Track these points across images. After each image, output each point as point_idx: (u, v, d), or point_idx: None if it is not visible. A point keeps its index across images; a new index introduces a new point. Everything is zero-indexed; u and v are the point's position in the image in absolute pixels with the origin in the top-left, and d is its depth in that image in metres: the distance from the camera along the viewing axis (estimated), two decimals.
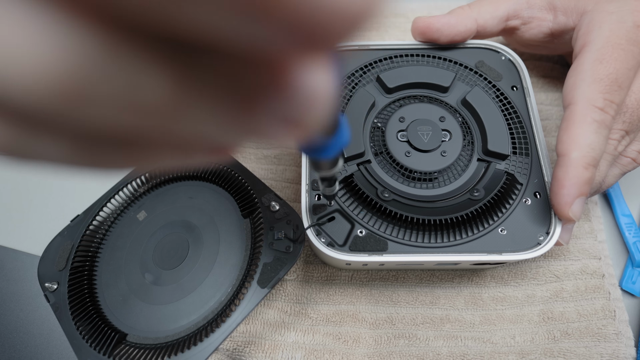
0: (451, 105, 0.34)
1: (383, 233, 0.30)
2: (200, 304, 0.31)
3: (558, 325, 0.33)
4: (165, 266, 0.33)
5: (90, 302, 0.32)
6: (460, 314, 0.34)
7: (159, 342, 0.30)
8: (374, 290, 0.34)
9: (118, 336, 0.30)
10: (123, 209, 0.36)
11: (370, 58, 0.36)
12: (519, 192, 0.31)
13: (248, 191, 0.34)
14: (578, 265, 0.35)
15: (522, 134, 0.33)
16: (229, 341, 0.33)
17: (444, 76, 0.35)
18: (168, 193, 0.36)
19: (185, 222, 0.34)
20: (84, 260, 0.34)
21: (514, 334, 0.33)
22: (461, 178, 0.32)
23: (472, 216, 0.30)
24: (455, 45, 0.37)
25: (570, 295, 0.34)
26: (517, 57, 0.36)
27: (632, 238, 0.37)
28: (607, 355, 0.32)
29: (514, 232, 0.30)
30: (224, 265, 0.32)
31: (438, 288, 0.35)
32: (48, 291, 0.32)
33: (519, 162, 0.32)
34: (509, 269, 0.35)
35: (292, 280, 0.35)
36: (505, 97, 0.34)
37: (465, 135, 0.33)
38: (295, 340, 0.33)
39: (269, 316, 0.34)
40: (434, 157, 0.32)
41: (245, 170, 0.34)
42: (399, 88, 0.35)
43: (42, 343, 0.35)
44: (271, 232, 0.31)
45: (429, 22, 0.35)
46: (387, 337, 0.33)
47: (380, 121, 0.34)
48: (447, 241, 0.30)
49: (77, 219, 0.35)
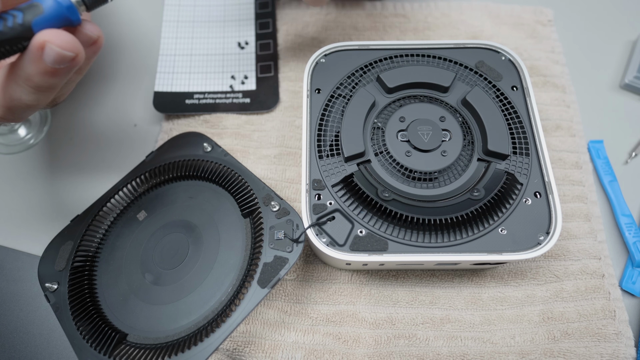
0: (451, 105, 0.34)
1: (383, 233, 0.30)
2: (201, 304, 0.31)
3: (558, 325, 0.33)
4: (165, 266, 0.33)
5: (91, 302, 0.32)
6: (460, 314, 0.34)
7: (159, 342, 0.30)
8: (374, 290, 0.34)
9: (118, 336, 0.30)
10: (123, 209, 0.36)
11: (370, 58, 0.36)
12: (519, 192, 0.31)
13: (248, 191, 0.34)
14: (578, 265, 0.35)
15: (522, 134, 0.33)
16: (229, 341, 0.33)
17: (444, 76, 0.35)
18: (168, 193, 0.36)
19: (185, 222, 0.34)
20: (84, 260, 0.34)
21: (514, 334, 0.33)
22: (461, 178, 0.32)
23: (472, 216, 0.30)
24: (456, 46, 0.37)
25: (570, 295, 0.34)
26: (517, 57, 0.36)
27: (632, 238, 0.37)
28: (607, 355, 0.32)
29: (514, 232, 0.30)
30: (224, 265, 0.32)
31: (438, 288, 0.35)
32: (48, 291, 0.32)
33: (519, 162, 0.32)
34: (509, 269, 0.35)
35: (292, 280, 0.35)
36: (505, 97, 0.34)
37: (466, 135, 0.33)
38: (295, 340, 0.33)
39: (269, 316, 0.34)
40: (434, 157, 0.32)
41: (245, 170, 0.34)
42: (399, 88, 0.35)
43: (42, 343, 0.35)
44: (271, 232, 0.31)
45: None
46: (387, 337, 0.33)
47: (381, 121, 0.34)
48: (447, 241, 0.30)
49: (77, 219, 0.35)
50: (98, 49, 0.26)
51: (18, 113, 0.26)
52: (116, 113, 0.43)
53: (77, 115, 0.43)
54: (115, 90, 0.44)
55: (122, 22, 0.48)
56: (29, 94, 0.24)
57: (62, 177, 0.40)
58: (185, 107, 0.42)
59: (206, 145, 0.36)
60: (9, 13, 0.22)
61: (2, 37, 0.22)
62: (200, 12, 0.47)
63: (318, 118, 0.34)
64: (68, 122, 0.42)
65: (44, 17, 0.22)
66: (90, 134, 0.42)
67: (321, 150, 0.33)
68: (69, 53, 0.23)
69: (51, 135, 0.42)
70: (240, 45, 0.45)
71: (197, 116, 0.42)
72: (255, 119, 0.42)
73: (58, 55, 0.22)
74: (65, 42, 0.22)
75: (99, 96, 0.44)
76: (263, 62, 0.44)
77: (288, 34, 0.46)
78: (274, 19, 0.46)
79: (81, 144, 0.41)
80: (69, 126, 0.42)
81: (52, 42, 0.22)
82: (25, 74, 0.23)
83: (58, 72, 0.23)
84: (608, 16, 0.48)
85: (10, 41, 0.22)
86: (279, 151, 0.40)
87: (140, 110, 0.43)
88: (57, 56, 0.22)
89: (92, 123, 0.42)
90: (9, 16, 0.22)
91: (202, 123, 0.41)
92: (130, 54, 0.46)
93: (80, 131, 0.42)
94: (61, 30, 0.23)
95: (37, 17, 0.22)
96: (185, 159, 0.36)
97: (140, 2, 0.48)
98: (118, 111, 0.43)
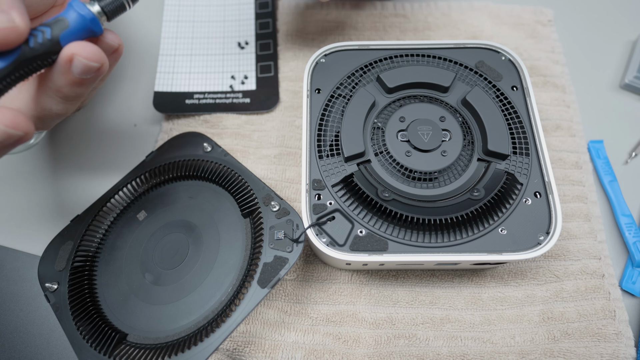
0: (451, 105, 0.34)
1: (383, 233, 0.30)
2: (201, 304, 0.31)
3: (558, 325, 0.33)
4: (166, 266, 0.33)
5: (91, 302, 0.32)
6: (460, 314, 0.34)
7: (159, 342, 0.30)
8: (374, 290, 0.34)
9: (118, 336, 0.30)
10: (123, 209, 0.36)
11: (370, 58, 0.36)
12: (519, 192, 0.31)
13: (248, 191, 0.34)
14: (578, 265, 0.35)
15: (522, 134, 0.33)
16: (229, 341, 0.33)
17: (444, 76, 0.35)
18: (168, 193, 0.36)
19: (185, 222, 0.34)
20: (84, 260, 0.34)
21: (514, 334, 0.33)
22: (461, 178, 0.32)
23: (472, 216, 0.30)
24: (456, 46, 0.37)
25: (570, 295, 0.34)
26: (517, 57, 0.36)
27: (632, 238, 0.37)
28: (607, 355, 0.32)
29: (514, 232, 0.30)
30: (224, 265, 0.32)
31: (438, 288, 0.35)
32: (48, 291, 0.32)
33: (519, 162, 0.32)
34: (509, 269, 0.35)
35: (292, 280, 0.35)
36: (505, 97, 0.34)
37: (466, 135, 0.33)
38: (295, 340, 0.33)
39: (269, 316, 0.34)
40: (434, 156, 0.32)
41: (245, 170, 0.34)
42: (399, 88, 0.35)
43: (42, 343, 0.35)
44: (271, 232, 0.31)
45: None
46: (387, 337, 0.33)
47: (381, 121, 0.34)
48: (447, 241, 0.30)
49: (77, 219, 0.35)
50: (119, 56, 0.28)
51: (48, 122, 0.27)
52: (116, 113, 0.43)
53: (77, 115, 0.43)
54: (115, 90, 0.44)
55: (122, 22, 0.48)
56: (59, 103, 0.26)
57: (62, 177, 0.40)
58: (185, 107, 0.42)
59: (206, 145, 0.36)
60: (37, 29, 0.23)
61: (34, 53, 0.23)
62: (200, 12, 0.47)
63: (318, 118, 0.34)
64: (68, 122, 0.42)
65: (70, 30, 0.23)
66: (90, 134, 0.42)
67: (321, 150, 0.33)
68: (95, 64, 0.24)
69: (51, 135, 0.42)
70: (240, 45, 0.45)
71: (197, 116, 0.42)
72: (255, 119, 0.42)
73: (85, 66, 0.23)
74: (91, 53, 0.23)
75: (99, 96, 0.44)
76: (263, 62, 0.44)
77: (288, 34, 0.46)
78: (274, 19, 0.46)
79: (81, 144, 0.41)
80: (69, 126, 0.42)
81: (80, 55, 0.23)
82: (55, 85, 0.24)
83: (85, 81, 0.25)
84: (608, 16, 0.48)
85: (42, 56, 0.23)
86: (279, 151, 0.40)
87: (140, 110, 0.43)
88: (85, 67, 0.23)
89: (92, 123, 0.42)
90: (38, 32, 0.23)
91: (202, 123, 0.41)
92: (131, 54, 0.46)
93: (80, 131, 0.42)
94: (86, 42, 0.24)
95: (64, 31, 0.23)
96: (185, 159, 0.36)
97: (140, 2, 0.48)
98: (118, 111, 0.43)
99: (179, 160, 0.36)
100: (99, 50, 0.24)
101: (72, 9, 0.24)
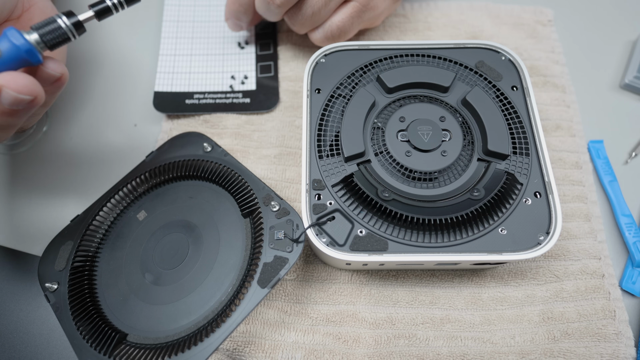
0: (451, 105, 0.34)
1: (383, 233, 0.30)
2: (201, 304, 0.31)
3: (558, 325, 0.33)
4: (166, 266, 0.33)
5: (91, 302, 0.32)
6: (460, 314, 0.34)
7: (159, 342, 0.30)
8: (374, 290, 0.34)
9: (118, 336, 0.30)
10: (123, 209, 0.36)
11: (370, 58, 0.36)
12: (519, 192, 0.31)
13: (248, 191, 0.34)
14: (578, 265, 0.35)
15: (522, 134, 0.33)
16: (229, 341, 0.33)
17: (444, 76, 0.35)
18: (168, 193, 0.36)
19: (185, 222, 0.34)
20: (84, 260, 0.34)
21: (514, 334, 0.33)
22: (461, 178, 0.32)
23: (472, 216, 0.30)
24: (456, 46, 0.37)
25: (570, 295, 0.34)
26: (517, 57, 0.36)
27: (632, 238, 0.37)
28: (607, 355, 0.32)
29: (514, 232, 0.30)
30: (224, 265, 0.32)
31: (438, 288, 0.35)
32: (48, 291, 0.32)
33: (519, 162, 0.32)
34: (509, 269, 0.35)
35: (292, 280, 0.35)
36: (505, 97, 0.34)
37: (466, 135, 0.33)
38: (295, 340, 0.33)
39: (269, 316, 0.34)
40: (434, 156, 0.32)
41: (245, 170, 0.34)
42: (399, 88, 0.35)
43: (42, 343, 0.35)
44: (271, 232, 0.31)
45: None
46: (387, 337, 0.33)
47: (381, 121, 0.34)
48: (447, 241, 0.30)
49: (77, 219, 0.35)
50: (62, 84, 0.27)
51: None
52: (116, 113, 0.43)
53: (76, 115, 0.43)
54: (115, 90, 0.44)
55: (122, 22, 0.48)
56: None
57: (62, 177, 0.40)
58: (185, 107, 0.42)
59: (206, 145, 0.36)
60: None
61: None
62: (200, 12, 0.47)
63: (318, 118, 0.34)
64: (68, 122, 0.42)
65: (2, 60, 0.22)
66: (90, 134, 0.42)
67: (321, 150, 0.33)
68: (26, 97, 0.23)
69: (51, 135, 0.42)
70: (240, 45, 0.45)
71: (197, 116, 0.42)
72: (255, 119, 0.42)
73: (15, 99, 0.22)
74: (22, 85, 0.22)
75: (99, 96, 0.44)
76: (263, 62, 0.44)
77: (288, 34, 0.46)
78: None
79: (81, 144, 0.41)
80: (69, 126, 0.42)
81: (8, 87, 0.22)
82: None
83: (17, 112, 0.23)
84: (608, 16, 0.48)
85: None
86: (279, 151, 0.40)
87: (140, 110, 0.43)
88: (14, 100, 0.22)
89: (92, 123, 0.42)
90: None
91: (202, 123, 0.41)
92: (131, 54, 0.46)
93: (80, 131, 0.42)
94: (19, 73, 0.23)
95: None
96: (185, 159, 0.36)
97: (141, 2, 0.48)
98: (118, 111, 0.43)
99: (179, 160, 0.36)
100: (32, 82, 0.23)
101: (6, 39, 0.22)
